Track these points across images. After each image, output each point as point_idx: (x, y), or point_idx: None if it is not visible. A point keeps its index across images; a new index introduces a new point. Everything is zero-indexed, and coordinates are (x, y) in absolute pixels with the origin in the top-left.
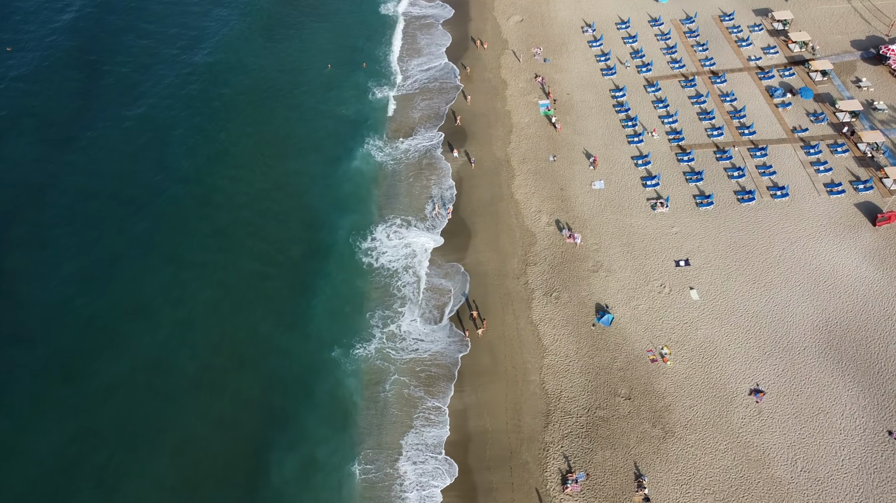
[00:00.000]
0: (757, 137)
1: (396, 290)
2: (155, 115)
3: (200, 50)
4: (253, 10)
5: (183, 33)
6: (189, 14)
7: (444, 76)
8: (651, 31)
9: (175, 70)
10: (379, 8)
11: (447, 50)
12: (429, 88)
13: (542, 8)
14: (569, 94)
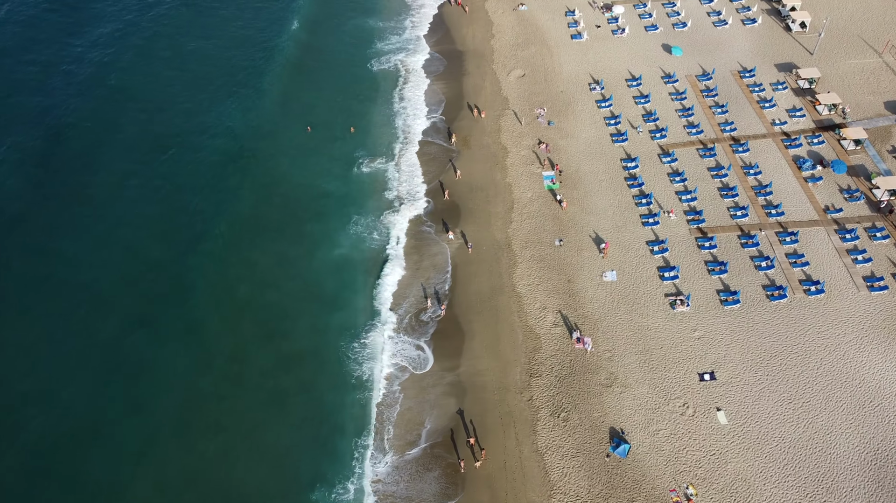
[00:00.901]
0: (786, 219)
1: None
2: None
3: (166, 113)
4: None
5: (149, 101)
6: (158, 77)
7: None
8: (665, 90)
9: (131, 142)
10: (368, 63)
11: (441, 113)
12: (421, 154)
13: (546, 61)
14: (575, 168)
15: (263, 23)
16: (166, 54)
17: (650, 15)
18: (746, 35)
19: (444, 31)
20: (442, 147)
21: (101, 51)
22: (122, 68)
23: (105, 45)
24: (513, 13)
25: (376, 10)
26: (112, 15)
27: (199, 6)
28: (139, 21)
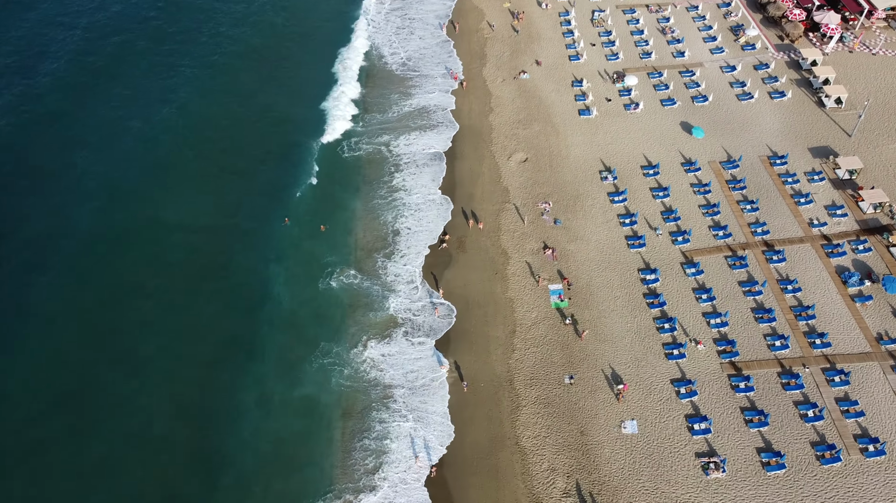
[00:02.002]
0: (833, 351)
1: None
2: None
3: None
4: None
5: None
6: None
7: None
8: (686, 180)
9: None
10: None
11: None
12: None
13: (551, 142)
14: (587, 281)
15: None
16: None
17: (666, 86)
18: (775, 111)
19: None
20: (432, 250)
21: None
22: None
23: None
24: (513, 82)
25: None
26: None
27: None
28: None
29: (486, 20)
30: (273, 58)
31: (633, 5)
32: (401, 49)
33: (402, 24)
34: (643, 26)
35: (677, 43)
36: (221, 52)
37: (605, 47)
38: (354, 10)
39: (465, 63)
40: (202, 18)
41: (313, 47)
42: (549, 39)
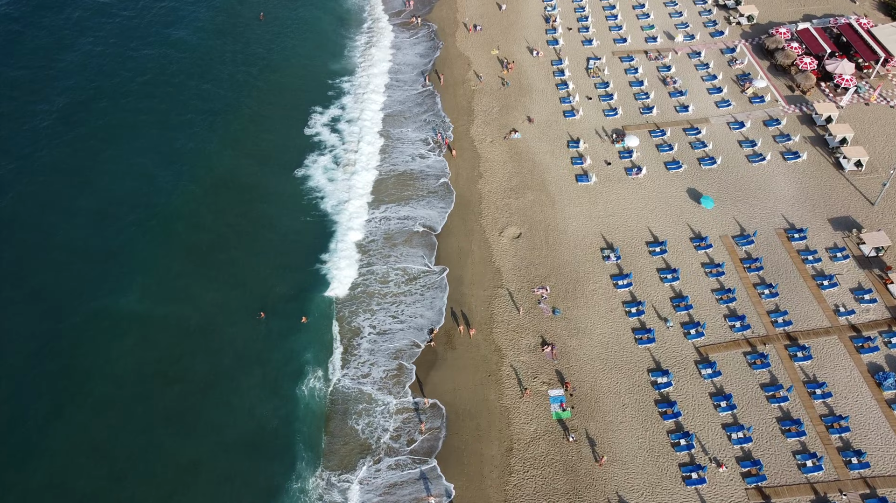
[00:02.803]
0: (872, 472)
1: None
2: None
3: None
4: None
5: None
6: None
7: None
8: (696, 259)
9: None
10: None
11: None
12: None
13: (547, 214)
14: (591, 385)
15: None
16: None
17: (670, 146)
18: (789, 175)
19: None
20: (416, 347)
21: None
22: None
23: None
24: (504, 143)
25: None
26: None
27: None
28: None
29: (472, 70)
30: (247, 116)
31: (630, 52)
32: (382, 106)
33: (386, 79)
34: (642, 76)
35: (680, 95)
36: (194, 111)
37: (602, 101)
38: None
39: (451, 119)
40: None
41: (290, 108)
42: (542, 92)
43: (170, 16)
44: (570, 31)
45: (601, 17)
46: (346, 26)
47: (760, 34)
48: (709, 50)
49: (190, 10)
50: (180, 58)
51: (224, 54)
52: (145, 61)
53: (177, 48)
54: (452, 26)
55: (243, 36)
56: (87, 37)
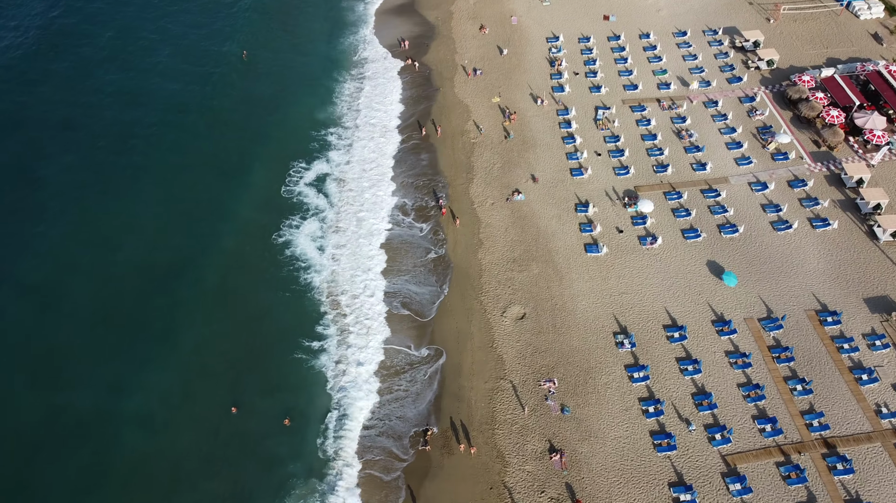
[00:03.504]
0: None
1: None
2: None
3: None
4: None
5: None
6: None
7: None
8: (720, 347)
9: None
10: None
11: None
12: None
13: (554, 290)
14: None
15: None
16: None
17: (688, 211)
18: (819, 245)
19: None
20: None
21: None
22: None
23: None
24: (506, 205)
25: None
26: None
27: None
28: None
29: (472, 119)
30: (226, 171)
31: (642, 101)
32: (372, 161)
33: (377, 130)
34: (655, 129)
35: (696, 151)
36: (167, 166)
37: (612, 157)
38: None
39: (448, 177)
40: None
41: (273, 161)
42: (547, 146)
43: (146, 50)
44: (577, 77)
45: (610, 59)
46: (336, 68)
47: (781, 81)
48: (726, 98)
49: (171, 42)
50: (154, 102)
51: (203, 99)
52: (115, 102)
53: (149, 91)
54: (451, 69)
55: (225, 78)
56: (53, 80)
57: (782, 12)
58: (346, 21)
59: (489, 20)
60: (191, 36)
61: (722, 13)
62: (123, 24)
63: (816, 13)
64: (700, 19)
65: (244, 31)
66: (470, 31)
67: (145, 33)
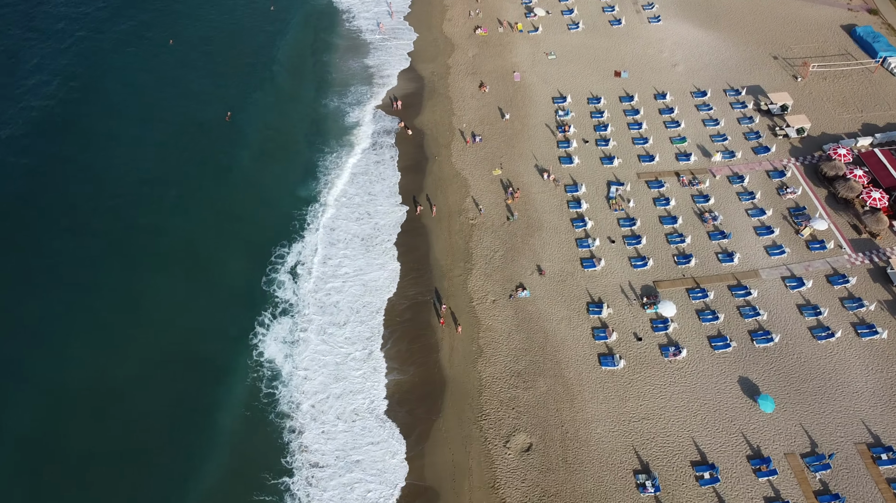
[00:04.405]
0: None
1: None
2: None
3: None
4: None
5: None
6: None
7: None
8: (758, 492)
9: None
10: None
11: None
12: None
13: (564, 414)
14: None
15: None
16: None
17: (715, 314)
18: (866, 359)
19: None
20: None
21: None
22: None
23: None
24: (509, 303)
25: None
26: None
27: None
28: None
29: (471, 195)
30: (195, 257)
31: (659, 175)
32: (361, 246)
33: (364, 211)
34: (676, 209)
35: (722, 237)
36: (139, 249)
37: (627, 244)
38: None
39: (445, 267)
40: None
41: (249, 245)
42: (555, 230)
43: (123, 104)
44: (587, 145)
45: (623, 124)
46: (322, 133)
47: (814, 151)
48: (753, 172)
49: (149, 99)
50: (122, 173)
51: (179, 169)
52: (73, 175)
53: (115, 162)
54: (447, 135)
55: (203, 144)
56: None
57: (811, 70)
58: (335, 79)
59: (489, 76)
60: (167, 91)
61: (744, 69)
62: (72, 72)
63: (849, 71)
64: (720, 76)
65: (230, 87)
66: (469, 89)
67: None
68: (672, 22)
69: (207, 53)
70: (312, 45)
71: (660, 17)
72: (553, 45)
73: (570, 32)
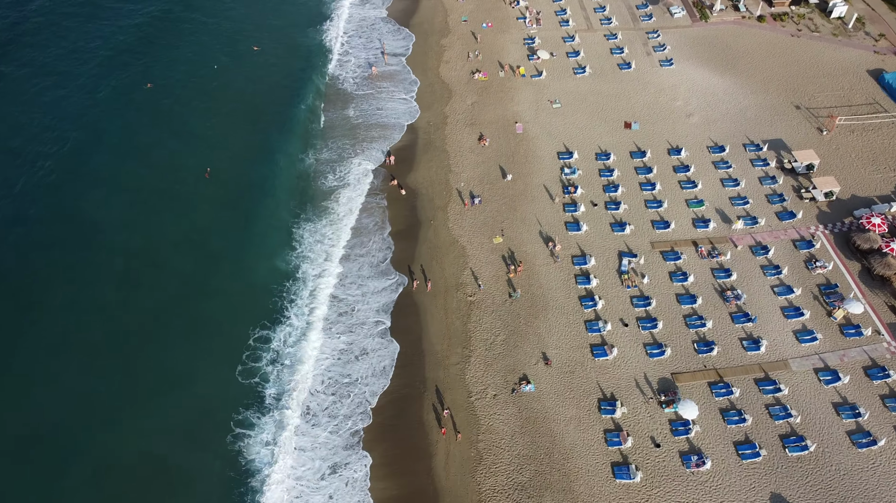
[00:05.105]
0: None
1: None
2: None
3: None
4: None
5: None
6: None
7: None
8: None
9: None
10: None
11: None
12: None
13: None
14: None
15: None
16: None
17: (741, 416)
18: None
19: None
20: None
21: None
22: None
23: None
24: (511, 399)
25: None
26: None
27: None
28: None
29: (469, 267)
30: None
31: (675, 245)
32: (345, 335)
33: (350, 294)
34: (695, 286)
35: (747, 320)
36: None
37: (642, 329)
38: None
39: (441, 353)
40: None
41: (224, 329)
42: (561, 310)
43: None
44: (596, 209)
45: (634, 184)
46: (309, 194)
47: (844, 217)
48: (778, 242)
49: (125, 151)
50: (86, 237)
51: (148, 242)
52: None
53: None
54: (444, 195)
55: (178, 207)
56: None
57: (838, 123)
58: (322, 130)
59: (489, 126)
60: (140, 136)
61: (764, 120)
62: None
63: (879, 123)
64: (738, 128)
65: (210, 138)
66: (467, 143)
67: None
68: (685, 65)
69: (185, 101)
70: (299, 91)
71: (672, 59)
72: (558, 92)
73: (576, 77)
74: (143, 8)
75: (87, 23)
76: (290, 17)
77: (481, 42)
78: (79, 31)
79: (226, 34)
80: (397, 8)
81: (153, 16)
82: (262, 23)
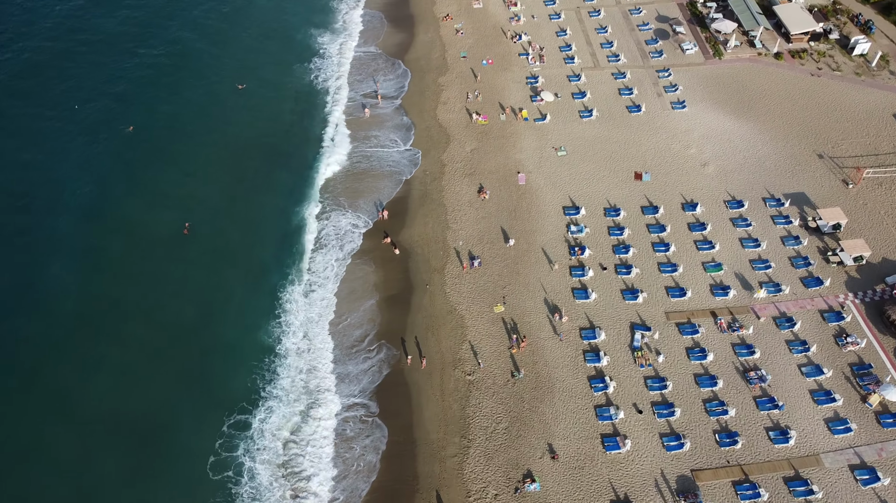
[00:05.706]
0: None
1: None
2: None
3: None
4: None
5: None
6: None
7: None
8: None
9: None
10: None
11: None
12: None
13: None
14: None
15: None
16: None
17: (758, 495)
18: None
19: None
20: None
21: None
22: None
23: None
24: (514, 499)
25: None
26: None
27: None
28: None
29: (468, 341)
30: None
31: (691, 315)
32: (335, 420)
33: (338, 371)
34: (713, 366)
35: (773, 407)
36: None
37: (658, 417)
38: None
39: (437, 443)
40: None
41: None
42: (569, 393)
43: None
44: (605, 273)
45: (647, 243)
46: (292, 256)
47: (875, 284)
48: (804, 312)
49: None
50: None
51: (115, 306)
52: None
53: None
54: (441, 256)
55: (152, 267)
56: None
57: (865, 176)
58: (314, 179)
59: (490, 177)
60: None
61: (785, 171)
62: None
63: None
64: (758, 180)
65: (191, 188)
66: (466, 196)
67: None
68: (699, 108)
69: (166, 148)
70: (287, 132)
71: (685, 101)
72: (563, 138)
73: (582, 121)
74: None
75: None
76: (278, 54)
77: (481, 81)
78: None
79: (210, 70)
80: (392, 42)
81: (141, 61)
82: (248, 62)
